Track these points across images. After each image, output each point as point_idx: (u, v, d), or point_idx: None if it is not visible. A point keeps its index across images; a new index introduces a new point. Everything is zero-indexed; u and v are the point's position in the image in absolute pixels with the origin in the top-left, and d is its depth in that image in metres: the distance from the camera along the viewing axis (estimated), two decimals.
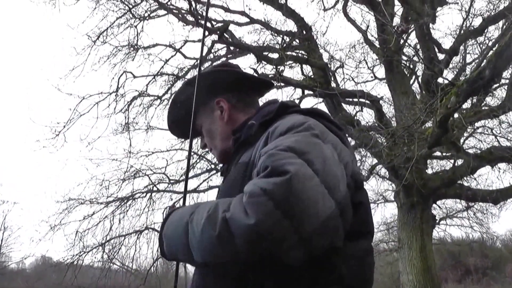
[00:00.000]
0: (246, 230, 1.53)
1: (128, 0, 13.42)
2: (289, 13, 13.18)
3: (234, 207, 1.60)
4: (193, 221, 1.73)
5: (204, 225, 1.65)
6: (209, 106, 2.43)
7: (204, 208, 1.72)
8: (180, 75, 14.25)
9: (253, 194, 1.56)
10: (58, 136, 13.08)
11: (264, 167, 1.66)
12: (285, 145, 1.71)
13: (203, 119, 2.46)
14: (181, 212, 1.89)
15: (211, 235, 1.61)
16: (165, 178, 14.20)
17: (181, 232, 1.78)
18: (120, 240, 14.46)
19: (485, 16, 12.80)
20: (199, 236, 1.67)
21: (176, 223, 1.86)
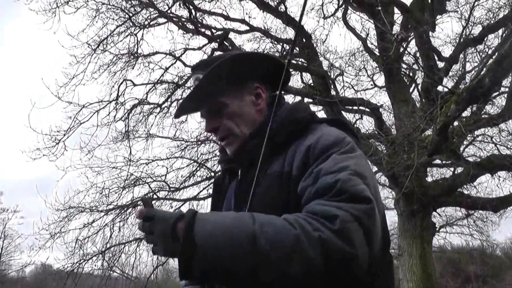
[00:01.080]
0: (344, 255, 1.58)
1: (128, 9, 13.45)
2: (289, 21, 13.20)
3: (320, 227, 1.60)
4: (265, 234, 1.60)
5: (292, 240, 1.58)
6: (242, 87, 2.22)
7: (270, 219, 1.67)
8: (180, 83, 14.27)
9: (346, 220, 1.61)
10: (58, 145, 13.07)
11: (339, 191, 1.70)
12: (351, 168, 1.77)
13: (230, 99, 2.19)
14: (228, 221, 1.69)
15: (303, 254, 1.56)
16: (165, 186, 14.17)
17: (243, 244, 1.59)
18: (120, 248, 14.43)
19: (485, 25, 12.82)
20: (280, 252, 1.56)
21: (230, 234, 1.62)
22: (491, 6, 13.00)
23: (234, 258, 1.58)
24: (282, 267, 1.56)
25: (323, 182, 1.75)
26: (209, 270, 1.61)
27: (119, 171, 14.00)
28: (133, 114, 14.35)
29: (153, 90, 14.38)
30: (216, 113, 2.19)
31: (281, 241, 1.58)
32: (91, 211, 13.79)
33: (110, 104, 13.86)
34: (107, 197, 13.83)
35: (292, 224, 1.62)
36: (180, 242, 1.63)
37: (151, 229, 1.73)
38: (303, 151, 1.92)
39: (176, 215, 1.72)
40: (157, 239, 1.73)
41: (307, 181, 1.82)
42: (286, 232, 1.60)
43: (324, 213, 1.64)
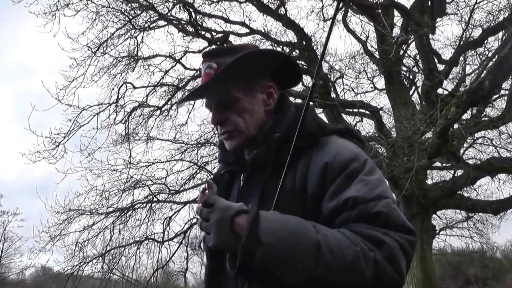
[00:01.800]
0: (392, 282, 1.64)
1: (128, 11, 13.47)
2: (289, 24, 13.21)
3: (373, 248, 1.64)
4: (329, 246, 1.60)
5: (352, 256, 1.60)
6: (255, 83, 2.16)
7: (331, 231, 1.68)
8: (180, 86, 14.28)
9: (393, 247, 1.65)
10: (58, 147, 13.07)
11: (383, 221, 1.72)
12: (388, 196, 1.82)
13: (242, 94, 2.11)
14: (293, 224, 1.65)
15: (360, 271, 1.59)
16: (165, 188, 14.18)
17: (307, 250, 1.58)
18: (120, 250, 14.42)
19: (485, 27, 12.83)
20: (340, 266, 1.59)
21: (295, 237, 1.59)
22: (491, 9, 13.03)
23: (296, 261, 1.57)
24: (340, 279, 1.59)
25: (364, 211, 1.75)
26: (268, 269, 1.57)
27: (119, 173, 14.03)
28: (133, 117, 14.40)
29: (153, 93, 14.45)
30: (226, 106, 2.11)
31: (342, 255, 1.59)
32: (91, 213, 13.80)
33: (110, 107, 13.92)
34: (107, 200, 13.87)
35: (351, 240, 1.63)
36: (244, 237, 1.58)
37: (208, 216, 1.71)
38: (319, 168, 1.90)
39: (236, 209, 1.68)
40: (211, 228, 1.69)
41: (334, 203, 1.80)
42: (347, 246, 1.61)
43: (371, 237, 1.67)
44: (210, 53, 2.19)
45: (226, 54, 2.11)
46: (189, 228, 14.58)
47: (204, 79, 2.10)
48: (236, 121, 2.09)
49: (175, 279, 30.17)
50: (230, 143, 2.14)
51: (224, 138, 2.15)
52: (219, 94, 2.11)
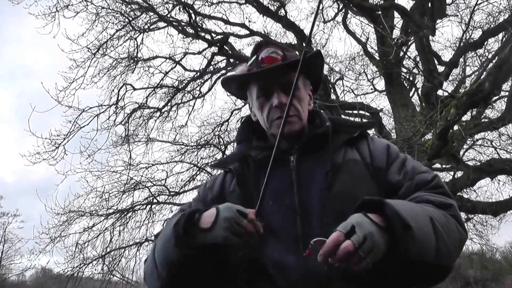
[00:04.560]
0: (464, 237, 1.95)
1: (128, 13, 13.46)
2: (288, 25, 13.23)
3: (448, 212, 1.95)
4: (435, 218, 1.82)
5: (453, 230, 1.89)
6: (305, 81, 2.39)
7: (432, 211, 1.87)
8: (180, 87, 14.28)
9: (456, 207, 2.00)
10: (58, 149, 13.06)
11: (436, 184, 2.09)
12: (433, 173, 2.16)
13: (303, 86, 2.33)
14: (408, 205, 1.85)
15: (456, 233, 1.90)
16: (165, 190, 14.15)
17: (430, 230, 1.76)
18: (120, 252, 14.39)
19: (485, 29, 12.84)
20: (449, 239, 1.82)
21: (419, 218, 1.75)
22: (491, 10, 13.03)
23: (426, 237, 1.72)
24: (450, 247, 1.82)
25: (423, 177, 2.11)
26: (416, 251, 1.68)
27: (119, 175, 14.00)
28: (133, 118, 14.39)
29: (153, 94, 14.44)
30: (287, 92, 2.13)
31: (444, 222, 1.85)
32: (91, 215, 13.77)
33: (110, 108, 13.89)
34: (107, 201, 13.83)
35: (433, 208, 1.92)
36: (398, 228, 1.65)
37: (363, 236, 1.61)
38: (382, 148, 2.24)
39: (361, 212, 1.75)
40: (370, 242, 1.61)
41: (401, 175, 2.12)
42: (441, 213, 1.89)
43: (441, 202, 1.97)
44: (272, 42, 2.39)
45: (286, 48, 2.33)
46: None
47: (268, 61, 2.23)
48: (298, 108, 2.24)
49: None
50: (290, 127, 2.20)
51: (279, 123, 2.14)
52: (288, 78, 2.19)
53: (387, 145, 2.26)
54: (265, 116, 2.27)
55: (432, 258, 1.72)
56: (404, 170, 2.14)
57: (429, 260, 1.72)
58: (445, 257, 1.80)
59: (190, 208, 2.29)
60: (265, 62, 2.23)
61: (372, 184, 2.11)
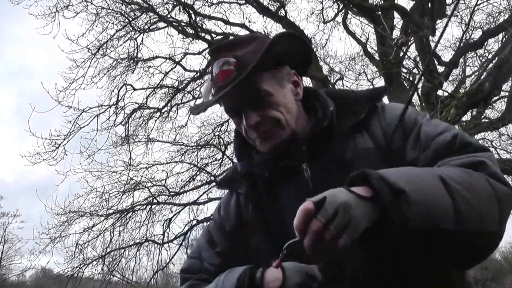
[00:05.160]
0: (506, 194, 1.56)
1: (128, 13, 13.48)
2: (289, 26, 13.19)
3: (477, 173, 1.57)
4: (449, 176, 1.49)
5: (481, 186, 1.52)
6: (280, 73, 1.92)
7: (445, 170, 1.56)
8: (180, 88, 14.27)
9: (488, 163, 1.62)
10: (58, 149, 13.07)
11: (461, 143, 1.72)
12: (452, 127, 1.83)
13: (272, 87, 1.86)
14: (407, 170, 1.54)
15: (496, 198, 1.52)
16: (165, 190, 14.16)
17: (442, 190, 1.43)
18: (120, 252, 14.41)
19: (485, 29, 12.82)
20: (474, 197, 1.47)
21: (421, 180, 1.45)
22: (491, 11, 13.01)
23: (436, 200, 1.41)
24: (479, 211, 1.46)
25: (440, 141, 1.74)
26: (423, 220, 1.37)
27: (119, 175, 14.04)
28: (133, 119, 14.40)
29: (153, 95, 14.43)
30: (258, 105, 1.84)
31: (466, 180, 1.50)
32: (91, 215, 13.81)
33: (110, 109, 13.92)
34: (107, 202, 13.87)
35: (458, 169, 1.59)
36: (383, 192, 1.37)
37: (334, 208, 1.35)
38: (394, 123, 1.84)
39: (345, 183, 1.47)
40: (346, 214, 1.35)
41: (416, 150, 1.78)
42: (462, 173, 1.55)
43: (467, 163, 1.61)
44: (222, 47, 1.91)
45: (240, 46, 1.89)
46: (189, 230, 14.57)
47: (222, 77, 1.82)
48: (275, 116, 1.84)
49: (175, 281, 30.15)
50: (269, 143, 1.88)
51: (260, 141, 1.90)
52: (249, 92, 1.83)
53: (401, 117, 1.84)
54: (245, 135, 1.95)
55: (452, 223, 1.40)
56: (419, 141, 1.78)
57: (449, 226, 1.40)
58: (473, 219, 1.44)
59: (210, 241, 2.11)
60: (220, 80, 1.83)
61: None
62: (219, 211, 2.14)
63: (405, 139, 1.82)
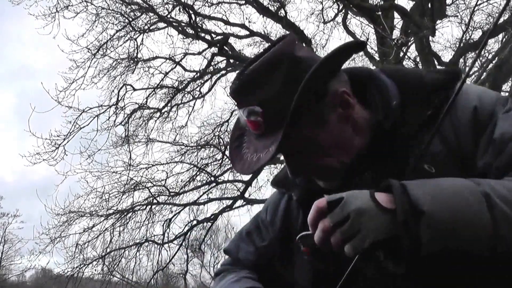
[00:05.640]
0: None
1: (128, 13, 13.48)
2: (289, 26, 13.19)
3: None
4: (498, 192, 1.28)
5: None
6: (320, 106, 1.56)
7: (500, 182, 1.32)
8: (180, 88, 14.26)
9: None
10: (58, 149, 13.07)
11: None
12: None
13: (312, 130, 1.55)
14: (447, 182, 1.32)
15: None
16: (165, 190, 14.16)
17: (475, 205, 1.25)
18: (120, 252, 14.43)
19: (485, 29, 12.81)
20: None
21: (456, 195, 1.27)
22: (491, 11, 12.98)
23: (469, 222, 1.24)
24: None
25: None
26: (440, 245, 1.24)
27: (119, 175, 14.06)
28: (133, 119, 14.42)
29: (153, 95, 14.44)
30: (304, 153, 1.59)
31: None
32: (91, 215, 13.81)
33: (110, 109, 13.94)
34: (107, 202, 13.89)
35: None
36: (399, 209, 1.23)
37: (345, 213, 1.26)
38: (467, 118, 1.50)
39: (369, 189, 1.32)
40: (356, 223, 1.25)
41: (489, 152, 1.45)
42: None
43: None
44: (242, 89, 1.57)
45: (261, 82, 1.53)
46: (189, 230, 14.58)
47: (253, 127, 1.56)
48: (325, 164, 1.59)
49: (175, 281, 30.11)
50: (328, 184, 1.67)
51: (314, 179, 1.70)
52: (287, 147, 1.56)
53: (473, 109, 1.50)
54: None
55: (487, 248, 1.25)
56: (493, 142, 1.44)
57: (482, 251, 1.26)
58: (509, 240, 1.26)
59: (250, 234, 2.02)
60: (253, 130, 1.57)
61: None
62: (266, 210, 1.98)
63: (477, 139, 1.49)
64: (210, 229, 16.24)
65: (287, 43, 1.57)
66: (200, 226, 15.20)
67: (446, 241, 1.23)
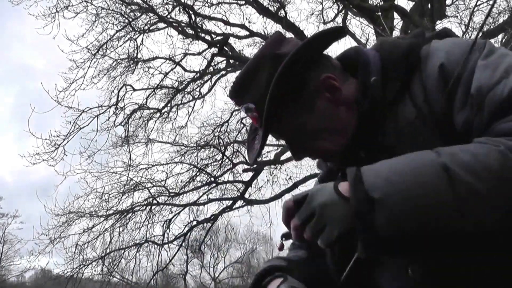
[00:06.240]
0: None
1: (128, 14, 13.48)
2: (288, 26, 13.18)
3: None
4: (459, 162, 1.19)
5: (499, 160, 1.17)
6: (306, 93, 1.61)
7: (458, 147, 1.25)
8: (180, 88, 14.26)
9: None
10: (58, 150, 13.07)
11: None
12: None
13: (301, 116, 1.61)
14: (404, 161, 1.26)
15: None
16: (164, 191, 14.15)
17: (434, 182, 1.18)
18: (120, 253, 14.41)
19: (485, 30, 12.81)
20: (488, 178, 1.16)
21: (412, 176, 1.20)
22: (491, 12, 12.99)
23: (427, 205, 1.18)
24: (494, 199, 1.17)
25: (494, 99, 1.30)
26: (398, 230, 1.19)
27: (119, 176, 14.05)
28: (132, 119, 14.41)
29: (153, 95, 14.44)
30: (297, 139, 1.66)
31: (483, 166, 1.17)
32: (90, 216, 13.79)
33: (110, 109, 13.93)
34: (107, 202, 13.87)
35: (489, 144, 1.22)
36: (352, 200, 1.23)
37: (309, 210, 1.29)
38: (435, 76, 1.44)
39: (334, 181, 1.33)
40: (321, 217, 1.27)
41: (466, 110, 1.36)
42: (486, 152, 1.20)
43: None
44: (235, 93, 1.71)
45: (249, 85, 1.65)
46: (189, 230, 14.57)
47: (255, 123, 1.70)
48: (319, 148, 1.65)
49: (175, 282, 30.22)
50: (329, 163, 1.80)
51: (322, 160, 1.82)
52: (281, 135, 1.70)
53: (440, 66, 1.44)
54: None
55: (446, 225, 1.18)
56: (470, 96, 1.36)
57: (448, 228, 1.18)
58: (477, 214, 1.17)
59: None
60: (255, 124, 1.71)
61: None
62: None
63: (450, 94, 1.41)
64: (210, 230, 16.25)
65: (270, 43, 1.69)
66: (200, 226, 15.22)
67: (404, 225, 1.18)
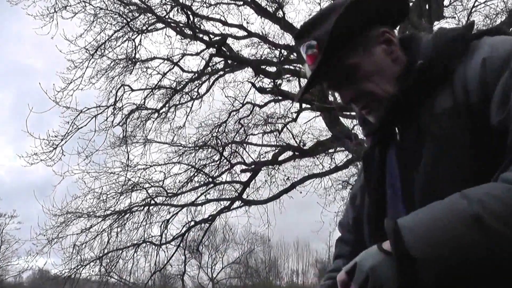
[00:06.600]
0: None
1: (126, 14, 13.47)
2: (286, 27, 13.18)
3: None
4: (490, 210, 1.24)
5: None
6: (367, 37, 1.74)
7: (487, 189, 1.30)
8: (178, 89, 14.26)
9: None
10: (56, 150, 13.06)
11: None
12: None
13: (359, 57, 1.72)
14: (438, 214, 1.31)
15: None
16: (162, 191, 14.13)
17: (467, 234, 1.25)
18: (118, 253, 14.39)
19: None
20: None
21: (446, 229, 1.27)
22: (489, 12, 13.00)
23: (463, 255, 1.25)
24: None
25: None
26: (439, 280, 1.27)
27: (117, 176, 14.03)
28: (130, 120, 14.35)
29: (151, 96, 14.39)
30: (349, 80, 1.74)
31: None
32: (88, 216, 13.77)
33: (108, 109, 13.87)
34: (105, 203, 13.84)
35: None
36: (394, 264, 1.30)
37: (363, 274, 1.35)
38: (477, 68, 1.48)
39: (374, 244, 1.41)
40: (376, 278, 1.33)
41: (503, 110, 1.38)
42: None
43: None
44: (303, 31, 1.81)
45: (319, 25, 1.75)
46: (186, 231, 14.56)
47: (310, 62, 1.76)
48: (369, 89, 1.72)
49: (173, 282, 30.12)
50: (374, 117, 1.79)
51: (366, 113, 1.82)
52: (335, 70, 1.75)
53: (482, 60, 1.48)
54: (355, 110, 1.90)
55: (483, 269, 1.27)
56: (507, 98, 1.38)
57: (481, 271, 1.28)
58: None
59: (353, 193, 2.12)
60: (310, 64, 1.76)
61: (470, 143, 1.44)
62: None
63: (488, 90, 1.45)
64: (208, 230, 16.20)
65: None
66: (198, 227, 15.20)
67: (443, 277, 1.27)
